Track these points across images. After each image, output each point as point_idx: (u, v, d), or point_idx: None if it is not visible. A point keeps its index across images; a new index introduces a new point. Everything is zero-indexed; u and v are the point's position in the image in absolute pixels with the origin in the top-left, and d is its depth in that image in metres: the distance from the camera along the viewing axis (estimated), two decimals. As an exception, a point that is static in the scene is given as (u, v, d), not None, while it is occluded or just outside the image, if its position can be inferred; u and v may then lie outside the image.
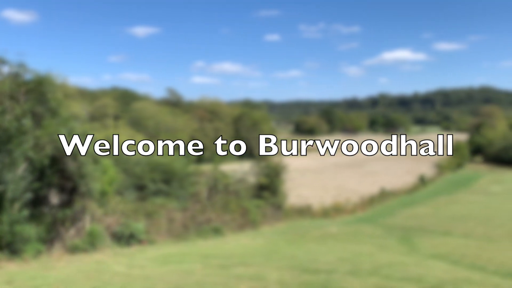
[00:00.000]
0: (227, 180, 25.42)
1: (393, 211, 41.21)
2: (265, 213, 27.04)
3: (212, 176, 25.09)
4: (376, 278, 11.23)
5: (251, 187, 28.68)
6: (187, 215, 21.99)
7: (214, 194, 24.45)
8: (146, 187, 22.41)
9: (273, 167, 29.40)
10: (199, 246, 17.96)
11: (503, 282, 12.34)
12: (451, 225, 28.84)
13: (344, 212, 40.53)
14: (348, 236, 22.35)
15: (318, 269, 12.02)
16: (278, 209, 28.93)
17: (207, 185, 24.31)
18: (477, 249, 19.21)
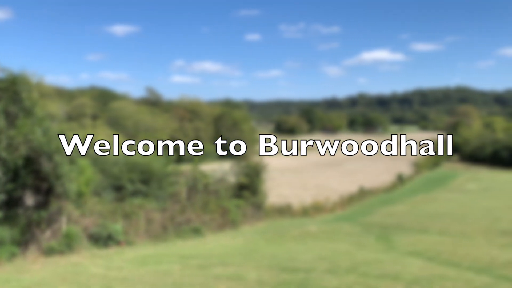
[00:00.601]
0: (207, 180, 25.32)
1: (372, 209, 41.75)
2: (245, 213, 27.04)
3: (192, 176, 24.96)
4: (353, 276, 11.36)
5: (231, 187, 28.63)
6: (166, 215, 21.80)
7: (193, 194, 24.33)
8: (124, 188, 22.14)
9: (253, 167, 29.42)
10: (178, 247, 17.85)
11: (476, 277, 12.65)
12: (428, 222, 29.36)
13: (323, 211, 40.85)
14: (327, 235, 22.54)
15: (297, 268, 12.09)
16: (258, 209, 28.97)
17: (186, 185, 24.17)
18: (453, 245, 19.61)
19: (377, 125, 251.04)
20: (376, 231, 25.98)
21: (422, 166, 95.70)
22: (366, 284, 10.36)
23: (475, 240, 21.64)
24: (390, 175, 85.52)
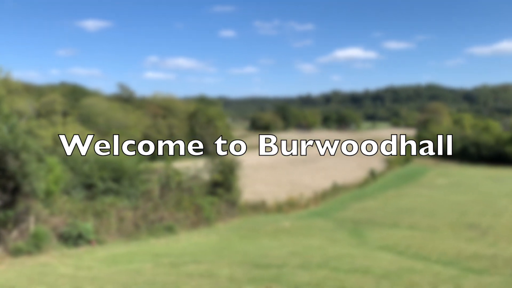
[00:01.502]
0: (180, 178, 25.07)
1: (345, 205, 42.34)
2: (219, 210, 26.92)
3: (165, 173, 24.67)
4: (325, 270, 11.50)
5: (205, 184, 28.43)
6: (138, 214, 21.49)
7: (166, 192, 24.05)
8: (95, 186, 21.69)
9: (227, 164, 29.28)
10: (150, 245, 17.64)
11: (444, 269, 13.02)
12: (398, 217, 29.99)
13: (297, 207, 41.14)
14: (301, 230, 22.73)
15: (269, 264, 12.14)
16: (232, 206, 28.89)
17: (159, 183, 23.88)
18: (422, 239, 20.11)
19: (350, 122, 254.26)
20: (349, 226, 26.38)
21: (393, 162, 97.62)
22: (336, 279, 10.49)
23: (443, 233, 22.27)
24: (362, 171, 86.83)
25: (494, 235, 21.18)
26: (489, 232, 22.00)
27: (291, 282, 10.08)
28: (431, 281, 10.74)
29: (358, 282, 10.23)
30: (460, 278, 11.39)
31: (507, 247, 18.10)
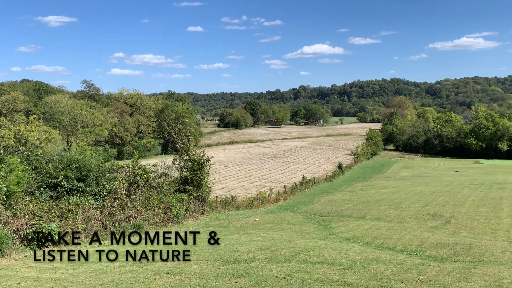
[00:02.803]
0: (148, 175, 24.73)
1: (314, 198, 42.97)
2: (189, 207, 26.76)
3: (132, 171, 24.27)
4: (293, 263, 11.66)
5: (174, 181, 28.19)
6: (105, 213, 21.10)
7: (134, 190, 23.71)
8: (60, 186, 21.12)
9: (197, 160, 29.07)
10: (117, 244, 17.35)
11: (408, 258, 13.43)
12: (365, 209, 30.68)
13: (267, 202, 41.46)
14: (270, 225, 22.90)
15: (238, 259, 12.20)
16: (202, 202, 28.75)
17: (126, 181, 23.48)
18: (388, 230, 20.63)
19: (319, 117, 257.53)
20: (317, 219, 26.79)
21: (360, 155, 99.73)
22: (304, 271, 10.66)
23: (408, 224, 22.92)
24: (331, 164, 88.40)
25: (455, 224, 21.98)
26: (451, 221, 22.81)
27: (259, 276, 10.19)
28: (395, 270, 11.07)
29: (325, 274, 10.44)
30: (423, 266, 11.79)
31: (467, 235, 18.84)
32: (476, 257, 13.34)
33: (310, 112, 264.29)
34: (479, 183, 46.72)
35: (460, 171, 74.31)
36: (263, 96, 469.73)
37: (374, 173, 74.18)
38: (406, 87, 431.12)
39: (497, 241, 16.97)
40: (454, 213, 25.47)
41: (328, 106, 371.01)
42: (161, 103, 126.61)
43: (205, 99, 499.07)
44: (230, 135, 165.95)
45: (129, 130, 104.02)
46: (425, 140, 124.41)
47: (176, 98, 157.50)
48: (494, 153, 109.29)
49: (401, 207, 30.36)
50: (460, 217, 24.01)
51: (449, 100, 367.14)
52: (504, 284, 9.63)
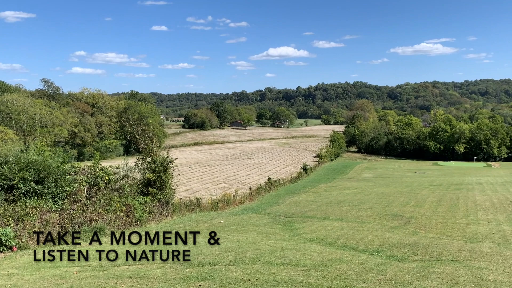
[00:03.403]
0: (110, 177, 24.09)
1: (279, 199, 43.25)
2: (152, 210, 26.28)
3: (93, 173, 23.58)
4: (257, 265, 11.66)
5: (137, 183, 27.62)
6: (64, 216, 20.39)
7: (95, 192, 23.04)
8: (16, 188, 20.25)
9: (160, 162, 28.60)
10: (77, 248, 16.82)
11: (370, 258, 13.71)
12: (329, 210, 31.16)
13: (233, 204, 41.38)
14: (235, 227, 22.83)
15: (202, 262, 12.08)
16: (166, 205, 28.30)
17: (87, 183, 22.79)
18: (350, 230, 21.02)
19: (284, 119, 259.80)
20: (282, 220, 26.97)
21: (324, 157, 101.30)
22: (268, 272, 10.68)
23: (370, 224, 23.44)
24: (296, 166, 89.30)
25: (415, 224, 22.66)
26: (410, 221, 23.50)
27: (223, 278, 10.12)
28: (358, 270, 11.27)
29: (289, 275, 10.50)
30: (384, 266, 12.07)
31: (426, 235, 19.46)
32: (434, 256, 13.78)
33: (275, 114, 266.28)
34: (437, 184, 48.44)
35: (419, 173, 76.80)
36: (229, 97, 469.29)
37: (338, 174, 75.51)
38: (368, 90, 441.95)
39: (453, 240, 17.61)
40: (413, 213, 26.25)
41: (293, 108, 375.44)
42: (123, 103, 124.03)
43: (170, 100, 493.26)
44: (195, 136, 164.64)
45: (90, 131, 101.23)
46: (386, 142, 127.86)
47: (139, 98, 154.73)
48: (452, 155, 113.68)
49: (363, 207, 31.03)
50: (419, 217, 24.78)
51: (409, 103, 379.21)
52: (460, 281, 9.99)
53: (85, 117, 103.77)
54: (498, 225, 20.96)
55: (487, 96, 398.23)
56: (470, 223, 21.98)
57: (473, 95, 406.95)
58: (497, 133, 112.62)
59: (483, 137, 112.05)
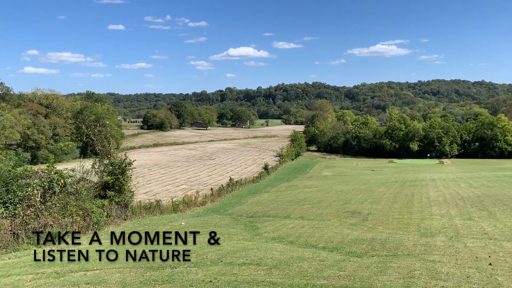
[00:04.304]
0: (66, 180, 23.27)
1: (241, 199, 43.29)
2: (110, 213, 25.61)
3: (47, 176, 22.69)
4: (219, 266, 11.61)
5: (94, 186, 26.84)
6: (17, 222, 19.51)
7: (50, 196, 22.18)
8: (-37, 194, 19.19)
9: (118, 164, 27.91)
10: (31, 255, 16.13)
11: (330, 255, 13.97)
12: (290, 208, 31.50)
13: (194, 205, 41.02)
14: (197, 228, 22.60)
15: (163, 265, 11.89)
16: (124, 208, 27.66)
17: (41, 187, 21.90)
18: (311, 228, 21.32)
19: (245, 119, 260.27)
20: (244, 220, 27.01)
21: (285, 156, 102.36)
22: (230, 273, 10.66)
23: (329, 221, 23.88)
24: (257, 166, 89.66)
25: (372, 220, 23.29)
26: (368, 218, 24.14)
27: (184, 281, 10.00)
28: (318, 267, 11.46)
29: (251, 275, 10.52)
30: (344, 262, 12.33)
31: (383, 230, 20.05)
32: (391, 251, 14.22)
33: (236, 114, 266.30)
34: (393, 181, 50.04)
35: (376, 170, 79.08)
36: (189, 97, 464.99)
37: (298, 173, 76.49)
38: (327, 90, 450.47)
39: (409, 235, 18.23)
40: (371, 210, 26.99)
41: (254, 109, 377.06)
42: (79, 103, 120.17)
43: (127, 100, 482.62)
44: (155, 137, 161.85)
45: (44, 133, 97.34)
46: (344, 141, 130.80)
47: (96, 98, 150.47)
48: (406, 153, 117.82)
49: (323, 205, 31.58)
50: (376, 213, 25.49)
51: (366, 103, 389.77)
52: (416, 275, 10.36)
53: (38, 118, 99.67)
54: (450, 220, 21.90)
55: (439, 96, 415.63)
56: (425, 218, 22.83)
57: (426, 95, 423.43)
58: (448, 131, 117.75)
59: (436, 135, 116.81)
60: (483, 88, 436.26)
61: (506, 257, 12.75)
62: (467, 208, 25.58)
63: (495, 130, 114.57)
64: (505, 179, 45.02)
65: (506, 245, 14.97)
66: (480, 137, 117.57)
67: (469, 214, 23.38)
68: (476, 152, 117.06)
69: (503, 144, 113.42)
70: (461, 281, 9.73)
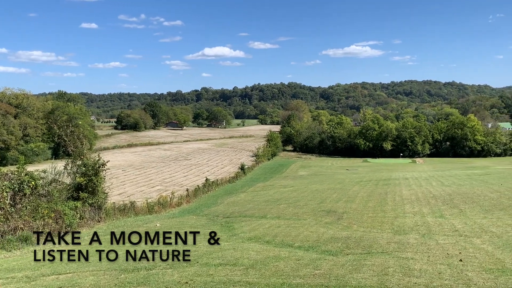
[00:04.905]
0: (37, 182, 22.68)
1: (217, 200, 43.11)
2: (83, 215, 25.09)
3: (18, 178, 22.06)
4: (195, 267, 11.54)
5: (66, 188, 26.23)
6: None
7: (20, 199, 21.57)
8: None
9: (91, 165, 27.36)
10: (0, 260, 15.67)
11: (306, 254, 14.09)
12: (266, 208, 31.58)
13: (169, 206, 40.60)
14: (172, 229, 22.39)
15: (138, 267, 11.73)
16: (98, 210, 27.13)
17: (11, 189, 21.27)
18: (287, 228, 21.44)
19: (221, 119, 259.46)
20: (221, 220, 26.92)
21: (261, 156, 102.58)
22: (206, 274, 10.61)
23: (305, 220, 24.07)
24: (233, 166, 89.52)
25: (347, 219, 23.61)
26: (343, 216, 24.45)
27: (160, 282, 9.90)
28: (294, 266, 11.54)
29: (227, 275, 10.50)
30: (319, 261, 12.45)
31: (357, 229, 20.34)
32: (366, 249, 14.44)
33: (212, 114, 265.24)
34: (367, 180, 50.83)
35: (350, 170, 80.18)
36: (164, 97, 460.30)
37: (274, 173, 76.78)
38: (302, 91, 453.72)
39: (383, 233, 18.57)
40: (346, 208, 27.35)
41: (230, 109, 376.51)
42: (51, 103, 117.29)
43: (101, 100, 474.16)
44: (129, 138, 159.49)
45: (14, 133, 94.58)
46: (319, 141, 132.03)
47: (68, 98, 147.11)
48: (380, 152, 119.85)
49: (299, 205, 31.80)
50: (351, 212, 25.85)
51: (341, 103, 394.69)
52: (390, 272, 10.56)
53: (7, 118, 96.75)
54: (422, 217, 22.40)
55: (411, 96, 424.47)
56: (398, 216, 23.29)
57: (398, 95, 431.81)
58: (420, 131, 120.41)
59: (408, 135, 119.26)
60: (453, 88, 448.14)
61: (475, 253, 13.14)
62: (439, 206, 26.24)
63: (465, 130, 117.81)
64: (475, 177, 46.39)
65: (476, 242, 15.43)
66: (451, 137, 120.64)
67: (441, 212, 23.98)
68: (447, 151, 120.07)
69: (472, 143, 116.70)
70: (433, 278, 9.97)
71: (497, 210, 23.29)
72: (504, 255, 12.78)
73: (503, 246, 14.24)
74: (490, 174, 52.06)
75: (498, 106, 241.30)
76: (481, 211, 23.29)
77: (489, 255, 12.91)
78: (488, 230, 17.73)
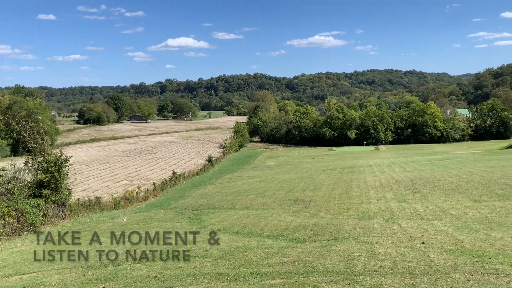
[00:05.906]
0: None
1: (185, 193, 42.81)
2: (47, 213, 24.37)
3: (-26, 177, 21.18)
4: (164, 261, 11.47)
5: (28, 186, 25.38)
6: None
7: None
8: None
9: (53, 161, 26.53)
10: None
11: (274, 243, 14.26)
12: (235, 199, 31.66)
13: (136, 201, 40.04)
14: (140, 224, 22.16)
15: (105, 263, 11.55)
16: (62, 207, 26.42)
17: (-33, 188, 20.40)
18: (256, 218, 21.59)
19: (187, 111, 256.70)
20: (189, 213, 26.80)
21: (228, 148, 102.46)
22: (175, 267, 10.57)
23: (274, 210, 24.31)
24: (201, 158, 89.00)
25: (314, 206, 24.00)
26: (310, 204, 24.84)
27: (128, 278, 9.79)
28: (263, 255, 11.66)
29: (197, 267, 10.50)
30: (288, 249, 12.64)
31: (324, 216, 20.73)
32: (332, 235, 14.77)
33: (178, 106, 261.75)
34: (333, 168, 51.76)
35: (317, 159, 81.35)
36: (127, 90, 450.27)
37: (242, 165, 76.90)
38: (268, 81, 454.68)
39: (349, 219, 19.01)
40: (313, 197, 27.78)
41: (196, 100, 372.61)
42: (8, 98, 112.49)
43: (61, 94, 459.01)
44: (92, 132, 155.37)
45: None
46: (286, 131, 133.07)
47: (26, 93, 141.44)
48: (345, 141, 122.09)
49: (267, 194, 32.05)
50: (318, 200, 26.30)
51: (306, 93, 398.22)
52: (356, 256, 10.85)
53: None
54: (386, 203, 23.07)
55: (374, 85, 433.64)
56: (363, 202, 23.88)
57: (361, 84, 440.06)
58: (383, 119, 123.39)
59: (371, 123, 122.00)
60: (414, 77, 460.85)
61: (437, 235, 13.69)
62: (401, 191, 27.07)
63: (425, 117, 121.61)
64: (435, 163, 48.09)
65: (437, 224, 16.05)
66: (412, 124, 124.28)
67: (403, 196, 24.76)
68: (409, 138, 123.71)
69: (432, 129, 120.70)
70: (397, 260, 10.32)
71: (456, 193, 24.28)
72: (463, 236, 13.37)
73: (462, 228, 14.89)
74: (449, 159, 54.11)
75: (456, 93, 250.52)
76: (442, 194, 24.21)
77: (449, 236, 13.47)
78: (448, 213, 18.47)
